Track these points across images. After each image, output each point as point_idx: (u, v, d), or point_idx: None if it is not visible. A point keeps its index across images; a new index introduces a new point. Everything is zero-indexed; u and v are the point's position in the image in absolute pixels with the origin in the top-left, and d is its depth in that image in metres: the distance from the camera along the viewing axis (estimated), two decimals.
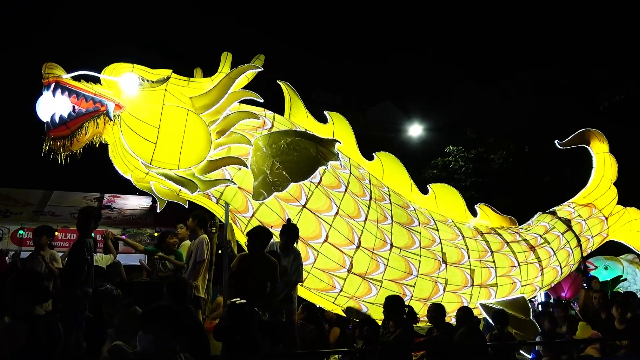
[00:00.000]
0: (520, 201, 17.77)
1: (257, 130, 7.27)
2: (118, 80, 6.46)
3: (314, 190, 7.41)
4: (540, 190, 19.29)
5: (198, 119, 6.67)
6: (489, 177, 20.44)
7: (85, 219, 6.53)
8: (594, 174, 10.89)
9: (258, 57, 7.19)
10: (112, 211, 15.38)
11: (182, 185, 6.69)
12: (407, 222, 8.13)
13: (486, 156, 20.68)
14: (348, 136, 8.39)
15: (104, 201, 15.26)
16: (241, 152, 7.05)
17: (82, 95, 6.22)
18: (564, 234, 9.67)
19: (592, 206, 10.46)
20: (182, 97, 6.66)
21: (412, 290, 7.91)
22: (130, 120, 6.45)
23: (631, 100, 19.22)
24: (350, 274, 7.55)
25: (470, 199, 18.83)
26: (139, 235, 15.61)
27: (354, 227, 7.58)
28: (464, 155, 20.63)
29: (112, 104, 6.37)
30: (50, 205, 14.70)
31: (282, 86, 8.03)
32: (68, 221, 14.69)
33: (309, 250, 7.39)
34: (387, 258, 7.75)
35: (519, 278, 8.83)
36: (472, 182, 20.37)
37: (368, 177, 8.24)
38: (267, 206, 7.24)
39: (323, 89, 24.68)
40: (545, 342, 7.55)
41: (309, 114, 8.13)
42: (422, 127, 21.56)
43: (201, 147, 6.67)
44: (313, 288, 7.59)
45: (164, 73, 6.72)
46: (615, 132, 19.53)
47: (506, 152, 20.57)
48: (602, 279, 15.28)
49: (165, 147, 6.50)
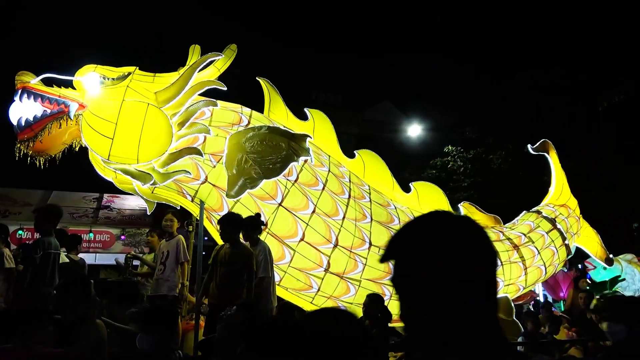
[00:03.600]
0: (519, 201, 17.47)
1: (232, 127, 7.05)
2: (81, 81, 6.48)
3: (290, 188, 7.17)
4: (540, 190, 18.94)
5: (158, 112, 6.51)
6: (488, 177, 20.13)
7: (42, 217, 6.37)
8: (555, 181, 11.16)
9: (229, 47, 7.09)
10: (112, 211, 15.23)
11: (137, 179, 6.54)
12: (387, 221, 7.86)
13: (485, 156, 20.37)
14: (329, 133, 8.15)
15: (103, 201, 15.07)
16: (217, 149, 6.88)
17: (47, 98, 6.32)
18: (548, 233, 9.39)
19: (566, 206, 10.48)
20: (146, 93, 6.49)
21: (392, 290, 7.63)
22: (90, 119, 6.39)
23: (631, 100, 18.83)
24: (328, 274, 7.29)
25: (469, 199, 18.58)
26: (138, 235, 15.52)
27: (332, 225, 7.33)
28: (463, 155, 20.33)
29: (75, 104, 6.39)
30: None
31: (262, 83, 7.82)
32: (67, 221, 14.56)
33: (285, 249, 7.14)
34: (366, 257, 7.48)
35: (502, 277, 8.50)
36: (471, 182, 20.08)
37: (348, 175, 7.98)
38: (242, 204, 7.00)
39: (323, 89, 24.53)
40: (526, 343, 7.27)
41: (289, 111, 7.90)
42: (421, 127, 21.27)
43: (162, 141, 6.51)
44: (290, 288, 7.34)
45: (127, 70, 6.64)
46: (614, 132, 19.39)
47: (505, 152, 20.23)
48: (601, 278, 14.95)
49: (123, 142, 6.36)
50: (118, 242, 15.69)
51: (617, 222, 17.34)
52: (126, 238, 15.52)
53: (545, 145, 11.37)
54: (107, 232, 16.09)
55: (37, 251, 6.02)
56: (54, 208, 7.06)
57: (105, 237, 16.01)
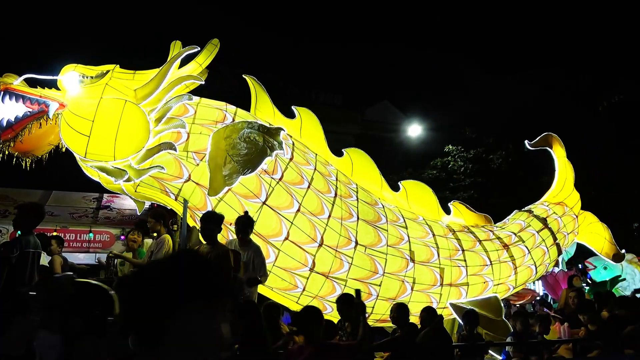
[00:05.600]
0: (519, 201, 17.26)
1: (216, 125, 6.92)
2: (61, 80, 6.45)
3: (274, 187, 7.02)
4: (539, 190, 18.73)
5: (135, 109, 6.42)
6: (488, 177, 19.90)
7: (23, 215, 6.20)
8: (557, 176, 10.80)
9: (211, 42, 6.98)
10: (111, 211, 15.14)
11: (111, 175, 6.44)
12: (373, 220, 7.70)
13: (485, 156, 20.14)
14: (316, 132, 8.01)
15: (103, 201, 14.97)
16: (200, 147, 6.75)
17: (28, 98, 6.30)
18: (539, 232, 9.16)
19: (563, 204, 10.14)
20: (125, 90, 6.41)
21: (378, 289, 7.47)
22: (69, 117, 6.34)
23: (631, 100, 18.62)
24: (313, 273, 7.13)
25: (469, 199, 18.47)
26: None
27: (317, 224, 7.17)
28: (463, 155, 20.11)
29: (56, 104, 6.36)
30: (49, 206, 14.41)
31: (248, 80, 7.67)
32: (67, 221, 14.55)
33: (270, 249, 6.98)
34: (352, 256, 7.32)
35: (491, 277, 8.32)
36: (472, 182, 19.86)
37: (335, 174, 7.82)
38: (225, 203, 6.86)
39: (323, 89, 24.35)
40: (513, 343, 7.08)
41: (276, 109, 7.76)
42: (421, 127, 21.03)
43: (139, 137, 6.41)
44: (275, 287, 7.18)
45: (107, 68, 6.56)
46: (614, 132, 19.18)
47: (505, 152, 20.00)
48: (601, 278, 14.78)
49: (99, 139, 6.29)
50: (118, 242, 15.54)
51: (617, 222, 17.12)
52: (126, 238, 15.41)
53: (548, 139, 10.97)
54: (107, 232, 15.99)
55: (13, 250, 5.82)
56: (36, 207, 6.92)
57: (105, 237, 15.91)
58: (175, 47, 6.81)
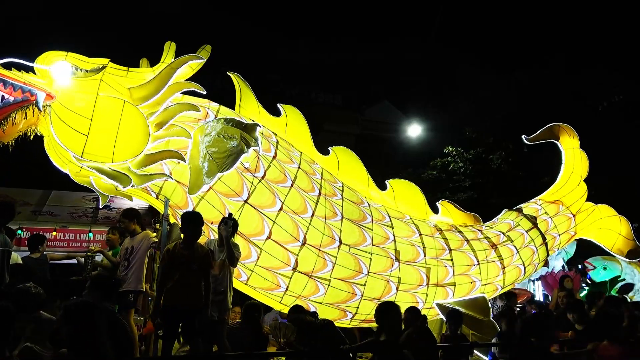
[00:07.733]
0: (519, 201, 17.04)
1: (198, 123, 6.72)
2: (50, 69, 5.91)
3: (256, 185, 6.85)
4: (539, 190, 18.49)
5: (135, 111, 6.12)
6: (488, 177, 19.67)
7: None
8: (563, 170, 10.23)
9: (204, 48, 6.69)
10: (111, 211, 15.02)
11: (115, 180, 6.14)
12: (358, 219, 7.51)
13: (485, 156, 19.89)
14: (302, 130, 7.83)
15: None
16: (181, 146, 6.56)
17: (10, 83, 5.65)
18: (528, 232, 8.91)
19: (559, 203, 9.73)
20: (119, 88, 6.11)
21: (363, 289, 7.28)
22: (61, 111, 5.91)
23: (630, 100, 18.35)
24: (296, 272, 6.95)
25: (469, 200, 18.26)
26: None
27: (300, 223, 6.99)
28: (463, 155, 19.88)
29: (43, 93, 5.82)
30: (48, 205, 14.38)
31: (232, 77, 7.49)
32: (67, 221, 14.40)
33: (252, 248, 6.80)
34: (336, 256, 7.13)
35: (479, 277, 8.11)
36: (472, 183, 19.63)
37: (320, 172, 7.64)
38: (207, 201, 6.69)
39: (322, 89, 24.16)
40: (498, 344, 6.87)
41: (261, 107, 7.59)
42: (421, 127, 20.81)
43: (138, 140, 6.11)
44: (258, 287, 7.01)
45: (101, 62, 6.16)
46: (614, 132, 18.89)
47: (505, 152, 19.76)
48: (601, 279, 14.54)
49: (98, 140, 5.94)
50: None
51: None
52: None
53: (554, 130, 10.28)
54: (106, 232, 15.87)
55: None
56: (6, 204, 6.75)
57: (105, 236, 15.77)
58: (170, 49, 6.52)
